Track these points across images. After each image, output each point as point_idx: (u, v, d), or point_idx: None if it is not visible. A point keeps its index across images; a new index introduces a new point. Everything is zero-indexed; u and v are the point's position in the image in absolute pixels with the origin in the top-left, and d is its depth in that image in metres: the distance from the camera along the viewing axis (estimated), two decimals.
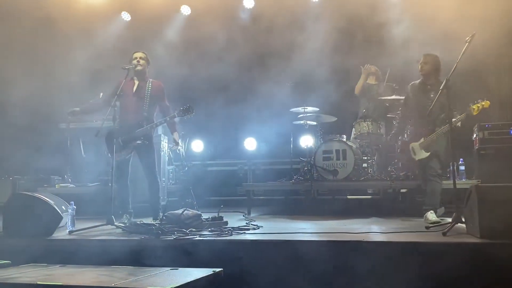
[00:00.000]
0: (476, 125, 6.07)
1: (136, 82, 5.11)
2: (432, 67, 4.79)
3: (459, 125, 4.58)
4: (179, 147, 5.26)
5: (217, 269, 2.86)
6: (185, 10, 8.26)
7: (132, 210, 5.07)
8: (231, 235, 3.86)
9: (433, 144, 4.67)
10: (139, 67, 5.02)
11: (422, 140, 4.76)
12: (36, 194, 4.32)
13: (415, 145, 4.85)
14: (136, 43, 7.24)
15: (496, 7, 5.68)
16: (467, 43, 4.01)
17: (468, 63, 4.30)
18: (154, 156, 5.12)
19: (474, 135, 6.13)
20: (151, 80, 5.16)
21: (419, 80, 4.98)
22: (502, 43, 5.87)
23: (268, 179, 7.21)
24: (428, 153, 4.70)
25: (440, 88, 4.04)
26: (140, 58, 5.06)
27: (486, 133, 5.91)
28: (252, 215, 5.91)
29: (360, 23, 7.05)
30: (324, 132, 6.71)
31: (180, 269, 2.94)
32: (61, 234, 4.18)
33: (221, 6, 7.76)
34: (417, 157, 4.83)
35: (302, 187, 6.20)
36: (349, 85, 7.14)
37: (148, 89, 5.05)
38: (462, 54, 4.03)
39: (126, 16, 8.29)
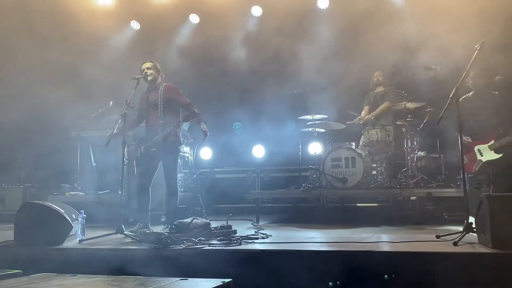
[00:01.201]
0: None
1: (148, 92, 5.14)
2: (483, 79, 4.98)
3: None
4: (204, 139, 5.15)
5: (227, 280, 2.85)
6: (194, 18, 8.33)
7: (149, 219, 5.08)
8: (240, 244, 3.85)
9: (508, 146, 4.75)
10: (149, 78, 5.05)
11: (492, 142, 4.84)
12: (47, 203, 4.35)
13: (482, 146, 4.93)
14: (145, 51, 7.32)
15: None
16: (476, 51, 3.99)
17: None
18: (174, 165, 5.10)
19: None
20: (164, 85, 5.14)
21: (471, 93, 5.12)
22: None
23: (277, 186, 7.20)
24: (501, 155, 4.77)
25: (450, 96, 4.01)
26: (148, 68, 5.07)
27: None
28: (261, 223, 5.90)
29: (368, 29, 7.04)
30: (333, 139, 6.70)
31: (190, 279, 2.93)
32: (71, 243, 4.20)
33: (229, 14, 7.81)
34: (484, 159, 4.90)
35: (311, 195, 6.18)
36: (359, 92, 7.14)
37: (160, 95, 5.04)
38: (472, 62, 4.01)
39: (135, 25, 8.38)
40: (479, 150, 4.95)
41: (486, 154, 4.88)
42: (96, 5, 7.91)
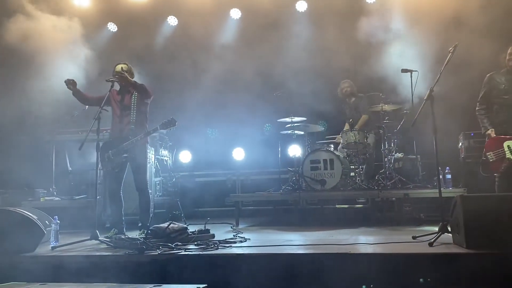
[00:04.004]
0: (461, 134, 6.11)
1: (122, 95, 5.06)
2: None
3: None
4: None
5: (201, 286, 2.81)
6: (172, 20, 8.26)
7: (124, 224, 5.01)
8: (217, 249, 3.81)
9: None
10: (121, 80, 4.95)
11: None
12: (18, 209, 4.23)
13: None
14: (122, 53, 7.20)
15: None
16: (450, 54, 4.05)
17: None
18: (144, 169, 5.06)
19: (460, 144, 6.17)
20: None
21: (503, 70, 4.71)
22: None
23: (257, 189, 7.17)
24: None
25: (424, 98, 4.04)
26: (122, 69, 5.00)
27: (471, 141, 5.94)
28: (240, 226, 5.86)
29: (346, 32, 7.08)
30: (312, 141, 6.71)
31: (164, 285, 2.88)
32: (43, 250, 4.09)
33: (208, 16, 7.76)
34: None
35: (290, 197, 6.18)
36: (337, 95, 7.16)
37: (134, 99, 4.99)
38: (446, 64, 4.06)
39: (112, 27, 8.26)
40: (509, 147, 4.46)
41: None
42: (72, 5, 7.75)
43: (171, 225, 4.26)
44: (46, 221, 4.59)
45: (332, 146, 6.48)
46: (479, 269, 3.11)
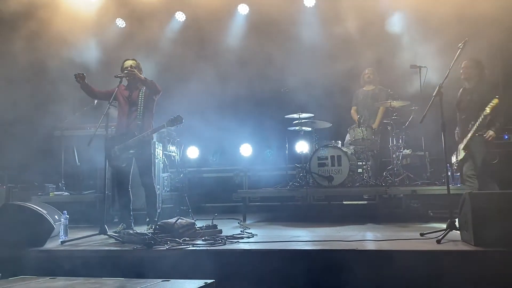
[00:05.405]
0: None
1: (130, 91, 5.07)
2: (475, 71, 4.88)
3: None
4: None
5: (209, 281, 2.82)
6: (180, 16, 8.27)
7: (132, 219, 5.05)
8: (225, 244, 3.83)
9: (469, 144, 4.75)
10: (131, 76, 4.97)
11: (463, 141, 4.86)
12: (28, 204, 4.28)
13: (460, 146, 4.95)
14: (130, 50, 7.22)
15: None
16: (459, 50, 4.01)
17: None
18: (150, 165, 5.09)
19: None
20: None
21: (466, 85, 5.06)
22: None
23: (264, 185, 7.18)
24: (464, 154, 4.82)
25: (433, 94, 4.02)
26: (131, 66, 5.02)
27: None
28: (247, 222, 5.88)
29: (354, 27, 7.04)
30: (319, 138, 6.70)
31: (172, 280, 2.90)
32: (53, 244, 4.14)
33: (216, 12, 7.75)
34: (459, 158, 4.95)
35: (297, 193, 6.19)
36: (344, 91, 7.14)
37: (141, 96, 5.00)
38: (455, 60, 4.03)
39: (120, 23, 8.28)
40: (458, 150, 5.00)
41: (460, 153, 4.94)
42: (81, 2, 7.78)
43: (179, 220, 4.28)
44: (56, 216, 4.64)
45: (339, 142, 6.46)
46: (487, 266, 3.10)
